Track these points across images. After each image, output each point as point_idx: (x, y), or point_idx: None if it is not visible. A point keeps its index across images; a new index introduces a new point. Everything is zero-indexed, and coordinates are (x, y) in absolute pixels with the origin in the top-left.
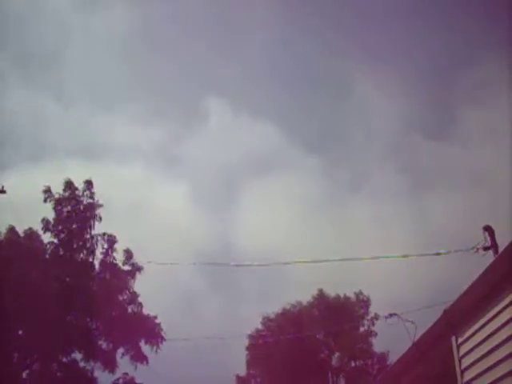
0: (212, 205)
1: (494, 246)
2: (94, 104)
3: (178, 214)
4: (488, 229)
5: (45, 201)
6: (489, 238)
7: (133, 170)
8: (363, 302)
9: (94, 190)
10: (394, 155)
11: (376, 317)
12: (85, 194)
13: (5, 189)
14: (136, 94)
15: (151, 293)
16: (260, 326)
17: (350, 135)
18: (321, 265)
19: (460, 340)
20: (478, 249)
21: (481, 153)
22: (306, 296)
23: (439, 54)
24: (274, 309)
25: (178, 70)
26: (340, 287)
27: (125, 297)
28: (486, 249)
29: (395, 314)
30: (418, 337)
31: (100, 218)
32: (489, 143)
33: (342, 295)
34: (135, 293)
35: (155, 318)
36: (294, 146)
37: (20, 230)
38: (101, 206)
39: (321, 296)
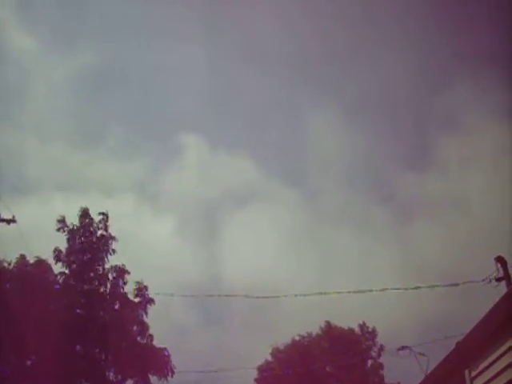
0: (196, 238)
1: (506, 277)
2: (72, 140)
3: (164, 248)
4: (500, 260)
5: (58, 230)
6: (501, 269)
7: (118, 204)
8: (369, 334)
9: (109, 223)
10: (374, 186)
11: (382, 348)
12: (99, 225)
13: (15, 218)
14: (113, 129)
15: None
16: (269, 358)
17: (328, 167)
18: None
19: (473, 373)
20: (490, 280)
21: (459, 180)
22: (301, 328)
23: (413, 80)
24: (269, 341)
25: (155, 104)
26: (337, 318)
27: (135, 328)
28: (498, 280)
29: (407, 347)
30: (430, 369)
31: (113, 251)
32: (467, 170)
33: (345, 327)
34: (146, 324)
35: (165, 349)
36: (272, 180)
37: (31, 260)
38: (113, 238)
39: (328, 328)
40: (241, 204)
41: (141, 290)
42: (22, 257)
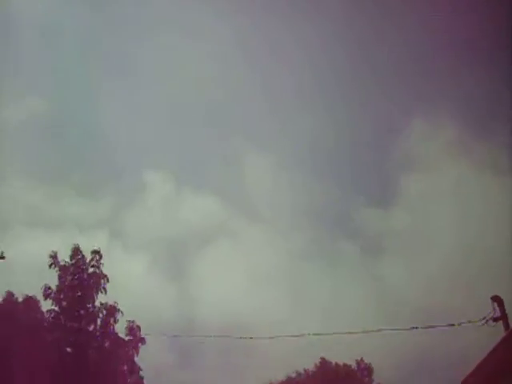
0: (167, 277)
1: (503, 316)
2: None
3: (137, 287)
4: (496, 299)
5: (50, 266)
6: (498, 309)
7: (91, 241)
8: (366, 370)
9: (102, 261)
10: (340, 222)
11: None
12: (92, 263)
13: (4, 255)
14: (75, 168)
15: None
16: None
17: (294, 205)
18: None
19: None
20: (487, 320)
21: (422, 214)
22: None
23: (376, 120)
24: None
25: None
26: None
27: (125, 368)
28: (495, 320)
29: None
30: None
31: (104, 290)
32: (428, 204)
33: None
34: (136, 364)
35: None
36: (238, 217)
37: (19, 297)
38: (105, 276)
39: (323, 364)
40: (208, 242)
41: (132, 329)
42: (9, 293)
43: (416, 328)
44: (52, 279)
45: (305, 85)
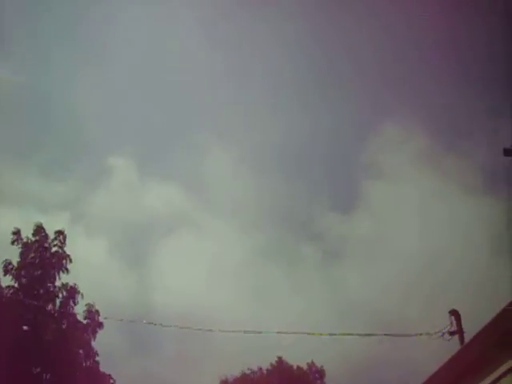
0: (126, 263)
1: (459, 331)
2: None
3: (96, 271)
4: (454, 313)
5: (12, 243)
6: (455, 323)
7: (53, 221)
8: (317, 373)
9: (65, 241)
10: (303, 224)
11: None
12: (55, 242)
13: None
14: (41, 148)
15: None
16: None
17: (258, 202)
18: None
19: None
20: (443, 333)
21: (385, 221)
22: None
23: (345, 124)
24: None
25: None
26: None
27: (81, 351)
28: (451, 333)
29: None
30: None
31: (66, 270)
32: (391, 211)
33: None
34: (93, 349)
35: (109, 376)
36: (202, 209)
37: None
38: (68, 256)
39: (280, 364)
40: (170, 231)
41: (91, 312)
42: None
43: (372, 335)
44: (12, 257)
45: (279, 84)
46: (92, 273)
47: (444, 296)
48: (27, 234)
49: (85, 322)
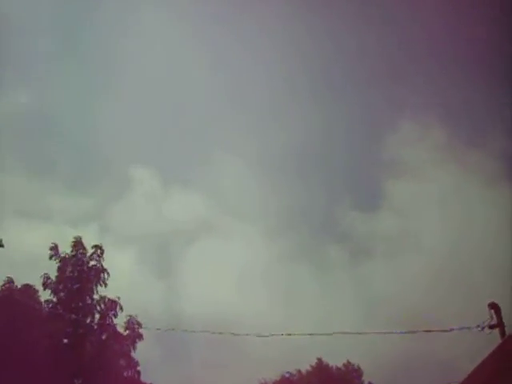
0: (155, 273)
1: (500, 324)
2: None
3: (126, 281)
4: (494, 306)
5: (50, 258)
6: (495, 316)
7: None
8: (355, 372)
9: (103, 255)
10: (328, 227)
11: None
12: (93, 256)
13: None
14: (64, 162)
15: None
16: None
17: (284, 206)
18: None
19: None
20: (483, 327)
21: (409, 218)
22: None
23: (363, 121)
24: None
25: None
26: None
27: (121, 362)
28: (491, 327)
29: None
30: None
31: (105, 284)
32: (415, 208)
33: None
34: (133, 359)
35: None
36: (225, 216)
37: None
38: (106, 270)
39: (319, 365)
40: (194, 239)
41: (132, 323)
42: (9, 280)
43: (413, 332)
44: (49, 271)
45: (292, 85)
46: (123, 284)
47: (476, 290)
48: (62, 247)
49: (125, 333)
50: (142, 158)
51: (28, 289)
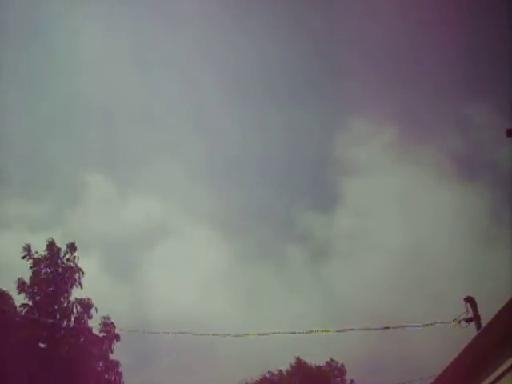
0: (117, 278)
1: (476, 317)
2: None
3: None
4: (469, 300)
5: (23, 258)
6: (471, 310)
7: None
8: (338, 370)
9: (77, 254)
10: (286, 228)
11: None
12: (66, 256)
13: None
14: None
15: None
16: None
17: (241, 208)
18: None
19: None
20: (459, 321)
21: (365, 218)
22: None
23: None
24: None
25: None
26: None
27: (101, 364)
28: (468, 321)
29: None
30: None
31: (80, 284)
32: (370, 207)
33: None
34: (114, 361)
35: None
36: (183, 219)
37: None
38: (80, 270)
39: (299, 364)
40: (153, 243)
41: (107, 325)
42: None
43: (388, 328)
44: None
45: (247, 79)
46: (87, 291)
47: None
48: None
49: (101, 335)
50: (93, 162)
51: (1, 294)
